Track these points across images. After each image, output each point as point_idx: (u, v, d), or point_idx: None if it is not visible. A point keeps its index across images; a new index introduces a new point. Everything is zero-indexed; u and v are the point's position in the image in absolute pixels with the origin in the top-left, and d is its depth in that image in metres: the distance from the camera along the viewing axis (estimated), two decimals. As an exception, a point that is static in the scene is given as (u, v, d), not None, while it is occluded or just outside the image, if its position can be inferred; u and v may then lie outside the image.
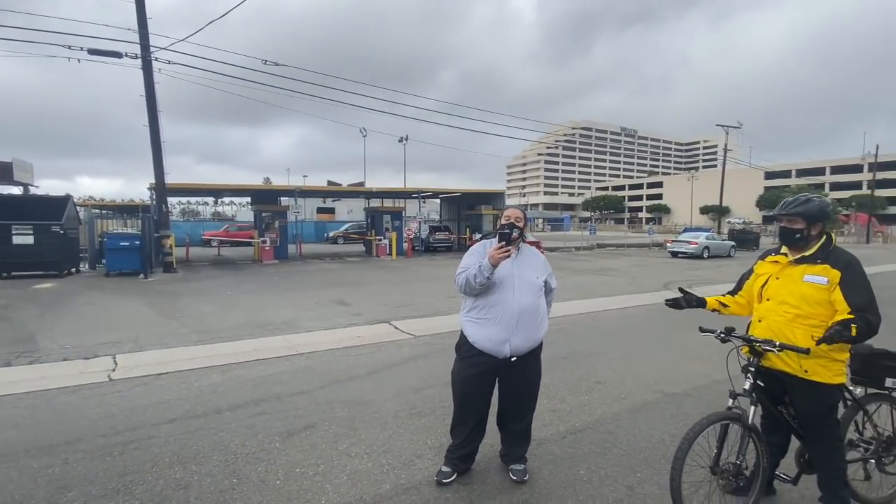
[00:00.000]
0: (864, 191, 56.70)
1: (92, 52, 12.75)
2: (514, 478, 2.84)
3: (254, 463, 3.09)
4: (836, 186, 72.21)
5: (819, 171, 79.36)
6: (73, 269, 13.94)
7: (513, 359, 2.72)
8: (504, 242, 2.67)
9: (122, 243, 13.27)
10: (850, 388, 2.56)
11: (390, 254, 20.81)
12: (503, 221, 2.84)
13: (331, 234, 32.67)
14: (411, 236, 22.70)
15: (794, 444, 2.63)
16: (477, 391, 2.82)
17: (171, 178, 14.78)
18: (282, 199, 21.90)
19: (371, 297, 10.03)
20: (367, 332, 7.00)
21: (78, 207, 16.36)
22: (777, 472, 2.61)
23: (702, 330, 2.60)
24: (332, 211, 44.06)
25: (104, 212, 26.44)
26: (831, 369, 2.30)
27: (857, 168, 68.72)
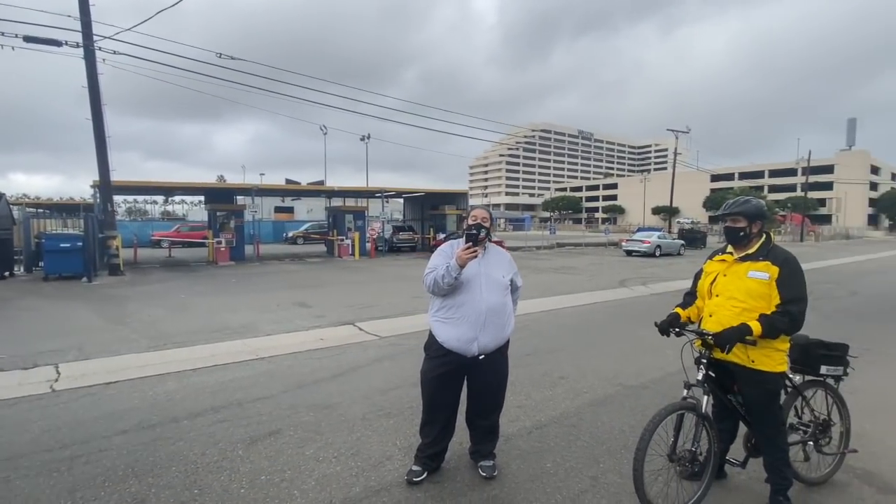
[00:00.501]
0: (798, 193, 61.06)
1: (28, 39, 11.83)
2: (484, 474, 2.89)
3: (215, 472, 2.98)
4: (773, 189, 77.33)
5: (759, 175, 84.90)
6: (7, 273, 12.90)
7: (481, 357, 2.77)
8: (471, 243, 2.72)
9: (62, 244, 12.39)
10: (790, 375, 2.78)
11: (353, 254, 20.51)
12: (470, 222, 2.86)
13: (290, 235, 31.81)
14: (374, 236, 22.48)
15: (742, 430, 2.82)
16: (446, 390, 2.85)
17: (116, 176, 13.94)
18: (238, 197, 21.15)
19: (334, 299, 9.86)
20: (330, 334, 6.88)
21: (11, 206, 15.15)
22: (727, 458, 2.79)
23: (659, 328, 2.76)
24: (290, 210, 42.94)
25: (41, 211, 24.63)
26: (774, 358, 2.49)
27: (791, 172, 74.04)
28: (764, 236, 2.60)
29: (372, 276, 14.34)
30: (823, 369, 2.83)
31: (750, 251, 2.57)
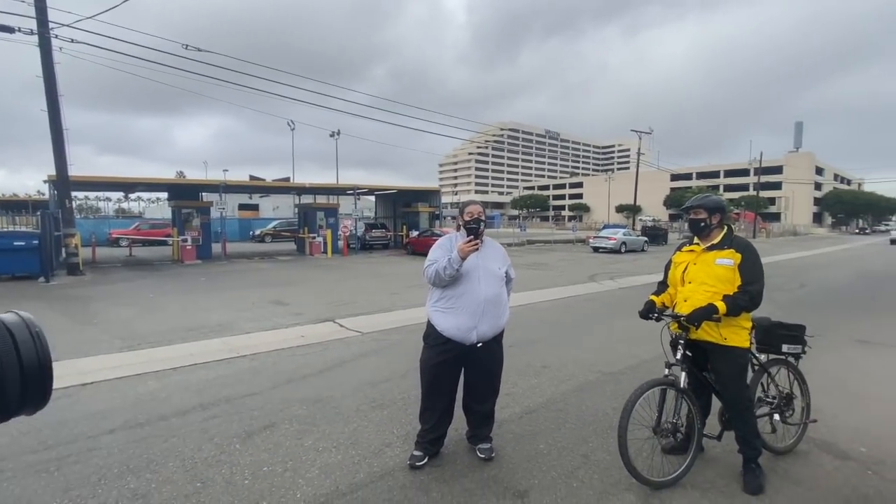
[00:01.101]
0: (751, 192, 64.38)
1: (-27, 24, 11.08)
2: (482, 456, 3.02)
3: (216, 466, 2.98)
4: (728, 188, 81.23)
5: (715, 175, 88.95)
6: (-50, 274, 12.06)
7: (479, 345, 2.90)
8: (472, 236, 2.84)
9: (16, 243, 11.69)
10: (757, 355, 3.07)
11: (325, 252, 20.26)
12: (467, 217, 2.99)
13: (257, 232, 31.05)
14: (347, 234, 22.25)
15: (716, 408, 3.07)
16: (446, 377, 2.98)
17: (69, 171, 13.21)
18: (204, 194, 20.48)
19: (310, 296, 9.78)
20: (311, 331, 6.85)
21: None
22: (703, 433, 3.04)
23: (640, 315, 3.02)
24: (255, 208, 41.85)
25: (-16, 208, 23.07)
26: (741, 335, 2.80)
27: (745, 172, 77.94)
28: (726, 228, 2.91)
29: (347, 273, 14.25)
30: (785, 348, 3.15)
31: (715, 241, 2.87)
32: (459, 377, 3.06)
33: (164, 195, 26.47)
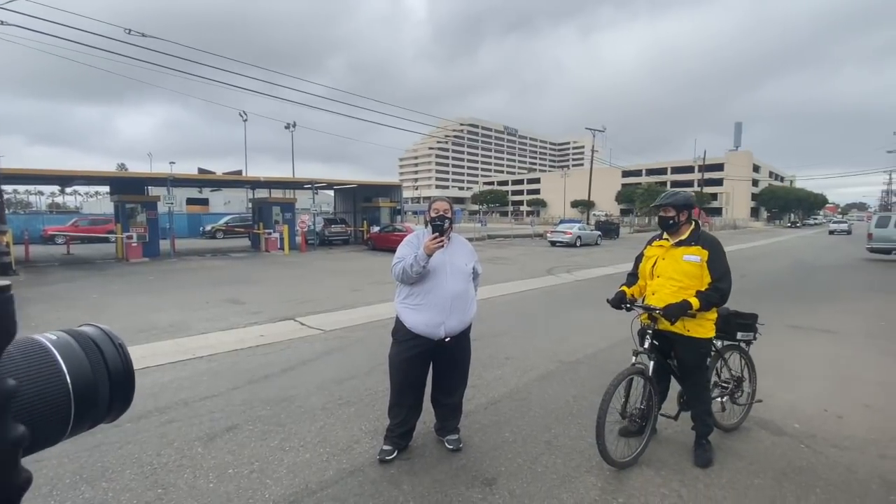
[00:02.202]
0: (696, 188, 68.03)
1: None
2: (451, 447, 3.09)
3: (177, 471, 2.89)
4: (675, 184, 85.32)
5: (663, 171, 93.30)
6: None
7: (447, 339, 2.95)
8: (438, 233, 2.88)
9: (-67, 242, 10.66)
10: (715, 341, 3.29)
11: (282, 248, 19.70)
12: (433, 214, 3.00)
13: (209, 228, 29.73)
14: (305, 229, 21.73)
15: (675, 390, 3.28)
16: (415, 371, 3.02)
17: None
18: (150, 187, 19.39)
19: (268, 294, 9.51)
20: (270, 330, 6.69)
21: None
22: (661, 413, 3.25)
23: (611, 304, 3.17)
24: (205, 202, 40.04)
25: None
26: (705, 327, 2.98)
27: (690, 169, 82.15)
28: (693, 224, 3.05)
29: (305, 270, 13.94)
30: (739, 335, 3.39)
31: (683, 237, 3.01)
32: (428, 372, 3.10)
33: (105, 189, 24.80)
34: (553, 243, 24.67)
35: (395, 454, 2.99)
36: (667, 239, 3.09)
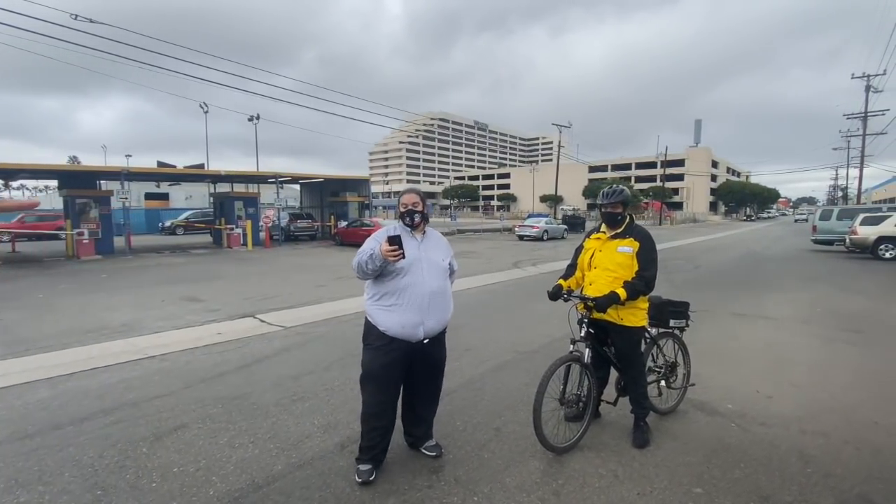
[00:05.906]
0: (658, 183, 70.21)
1: None
2: (434, 454, 2.95)
3: (118, 472, 2.83)
4: (639, 179, 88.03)
5: (627, 167, 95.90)
6: None
7: (426, 341, 2.75)
8: (397, 247, 2.57)
9: None
10: (649, 329, 3.46)
11: (245, 244, 19.24)
12: (402, 209, 2.78)
13: (168, 224, 28.68)
14: (269, 224, 21.26)
15: (613, 378, 3.43)
16: (392, 379, 2.78)
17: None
18: (102, 182, 18.52)
19: (229, 292, 9.30)
20: (228, 327, 6.56)
21: None
22: (602, 399, 3.40)
23: (549, 296, 3.26)
24: (165, 197, 38.48)
25: None
26: (637, 316, 3.13)
27: (653, 164, 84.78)
28: (628, 217, 3.21)
29: (269, 266, 13.67)
30: (672, 322, 3.58)
31: (619, 230, 3.17)
32: (404, 377, 2.85)
33: (55, 183, 23.51)
34: (521, 237, 25.05)
35: (374, 475, 2.72)
36: (604, 232, 3.23)
